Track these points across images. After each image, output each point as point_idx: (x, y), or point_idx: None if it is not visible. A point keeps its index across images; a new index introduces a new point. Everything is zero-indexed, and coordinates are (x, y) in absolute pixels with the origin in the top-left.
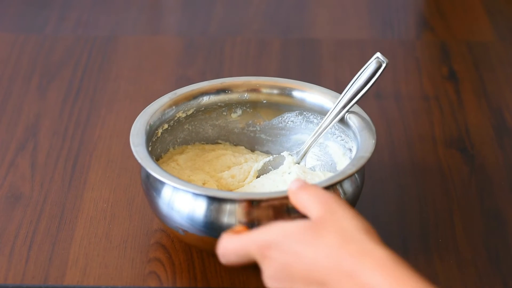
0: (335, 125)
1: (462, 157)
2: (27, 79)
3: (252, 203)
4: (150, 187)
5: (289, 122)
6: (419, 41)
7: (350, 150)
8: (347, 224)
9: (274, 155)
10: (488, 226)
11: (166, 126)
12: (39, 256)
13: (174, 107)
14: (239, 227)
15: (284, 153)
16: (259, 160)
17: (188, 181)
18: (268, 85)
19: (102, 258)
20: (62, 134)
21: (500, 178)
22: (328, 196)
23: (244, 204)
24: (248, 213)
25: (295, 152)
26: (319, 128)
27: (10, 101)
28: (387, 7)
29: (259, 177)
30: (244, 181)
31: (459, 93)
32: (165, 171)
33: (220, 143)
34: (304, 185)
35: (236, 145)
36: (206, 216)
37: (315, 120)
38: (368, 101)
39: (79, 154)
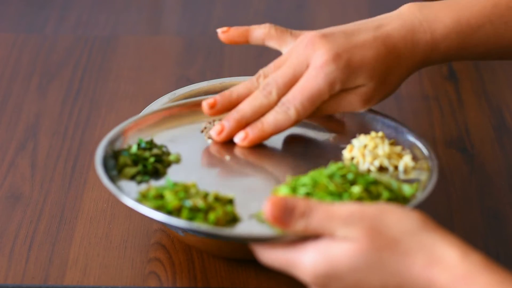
0: None
1: (462, 157)
2: (27, 79)
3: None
4: None
5: None
6: None
7: None
8: (398, 233)
9: None
10: (488, 226)
11: None
12: (39, 256)
13: None
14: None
15: None
16: None
17: None
18: None
19: (102, 258)
20: (62, 134)
21: (500, 178)
22: (349, 208)
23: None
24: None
25: None
26: None
27: (10, 101)
28: (387, 7)
29: None
30: None
31: (459, 93)
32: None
33: None
34: (301, 209)
35: None
36: None
37: None
38: None
39: (79, 154)
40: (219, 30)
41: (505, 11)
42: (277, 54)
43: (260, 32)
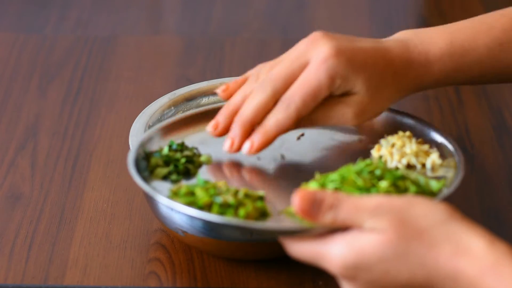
0: None
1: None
2: (27, 79)
3: None
4: None
5: None
6: None
7: None
8: (425, 224)
9: None
10: (488, 226)
11: None
12: (39, 256)
13: (173, 107)
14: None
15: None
16: None
17: None
18: None
19: (102, 258)
20: (62, 134)
21: (500, 178)
22: (376, 200)
23: None
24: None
25: None
26: None
27: (10, 101)
28: (387, 7)
29: None
30: None
31: (459, 93)
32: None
33: None
34: (329, 201)
35: None
36: None
37: None
38: None
39: (79, 154)
40: (219, 91)
41: (499, 33)
42: (276, 56)
43: None
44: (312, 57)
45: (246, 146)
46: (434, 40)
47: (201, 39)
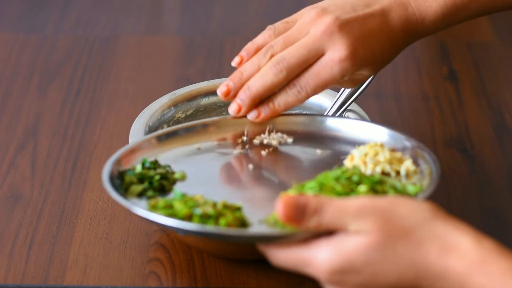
0: None
1: (462, 157)
2: (27, 79)
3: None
4: None
5: None
6: (419, 41)
7: None
8: (411, 224)
9: None
10: (488, 226)
11: (165, 126)
12: (39, 256)
13: (173, 107)
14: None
15: None
16: None
17: None
18: None
19: (102, 258)
20: (62, 134)
21: (500, 178)
22: (360, 202)
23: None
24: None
25: None
26: None
27: (10, 101)
28: None
29: None
30: None
31: (459, 93)
32: None
33: None
34: (314, 206)
35: None
36: None
37: None
38: (368, 101)
39: (79, 154)
40: (234, 63)
41: None
42: None
43: None
44: (328, 50)
45: (253, 114)
46: (429, 3)
47: (201, 39)
